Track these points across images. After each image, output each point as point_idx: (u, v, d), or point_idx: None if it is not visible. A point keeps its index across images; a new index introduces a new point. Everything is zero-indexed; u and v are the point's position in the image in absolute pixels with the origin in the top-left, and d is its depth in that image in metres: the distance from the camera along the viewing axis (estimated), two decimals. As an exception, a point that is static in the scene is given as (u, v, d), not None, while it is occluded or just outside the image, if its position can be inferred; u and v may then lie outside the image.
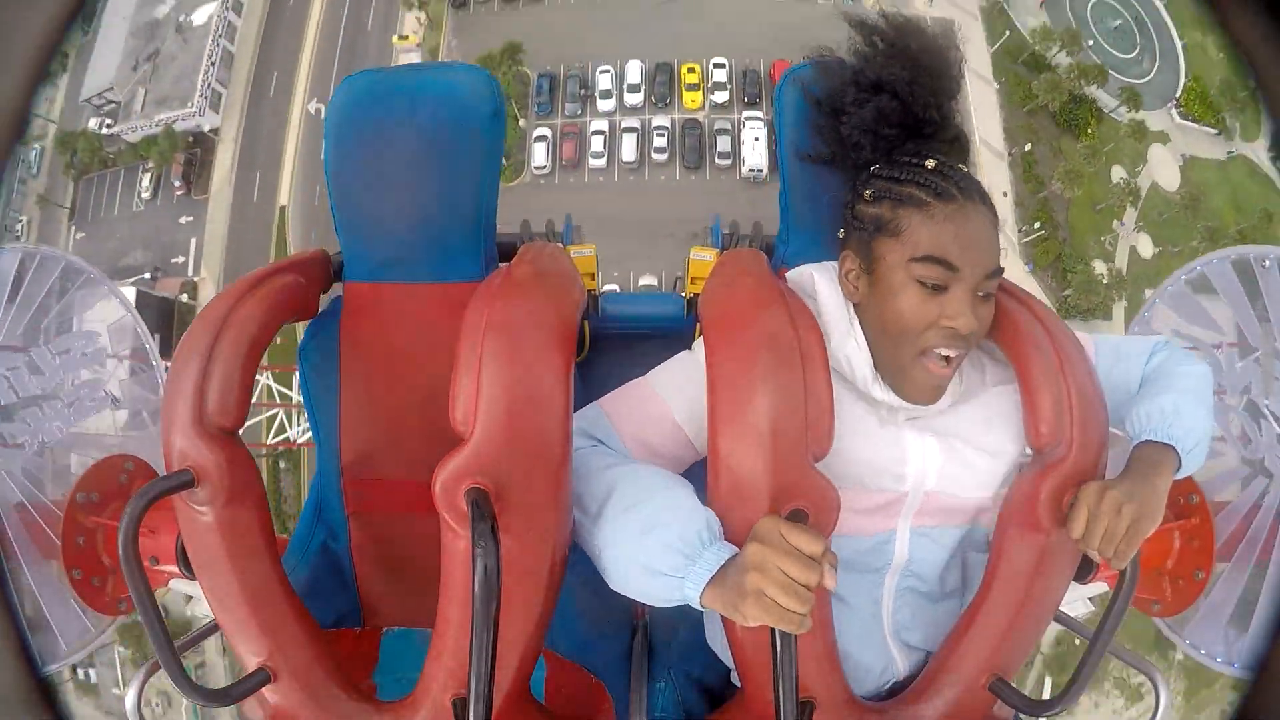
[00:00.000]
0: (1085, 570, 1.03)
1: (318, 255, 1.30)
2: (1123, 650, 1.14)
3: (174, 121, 20.93)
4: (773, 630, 0.80)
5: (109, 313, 1.57)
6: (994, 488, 1.04)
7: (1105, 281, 19.27)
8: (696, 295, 1.55)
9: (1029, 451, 1.04)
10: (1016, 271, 19.60)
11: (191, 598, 1.63)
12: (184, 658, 0.94)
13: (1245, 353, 1.62)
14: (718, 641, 1.20)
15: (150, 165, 21.06)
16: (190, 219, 21.36)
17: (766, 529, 0.81)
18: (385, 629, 1.31)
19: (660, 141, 20.05)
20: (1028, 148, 20.37)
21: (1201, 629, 1.60)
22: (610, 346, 1.69)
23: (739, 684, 1.05)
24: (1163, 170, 20.59)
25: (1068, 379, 0.95)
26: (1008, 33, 21.02)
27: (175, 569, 1.22)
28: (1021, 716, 1.10)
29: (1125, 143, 20.32)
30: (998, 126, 20.73)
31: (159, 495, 0.90)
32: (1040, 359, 0.97)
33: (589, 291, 1.65)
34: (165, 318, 19.64)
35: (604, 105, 20.56)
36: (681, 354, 1.06)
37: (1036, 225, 19.71)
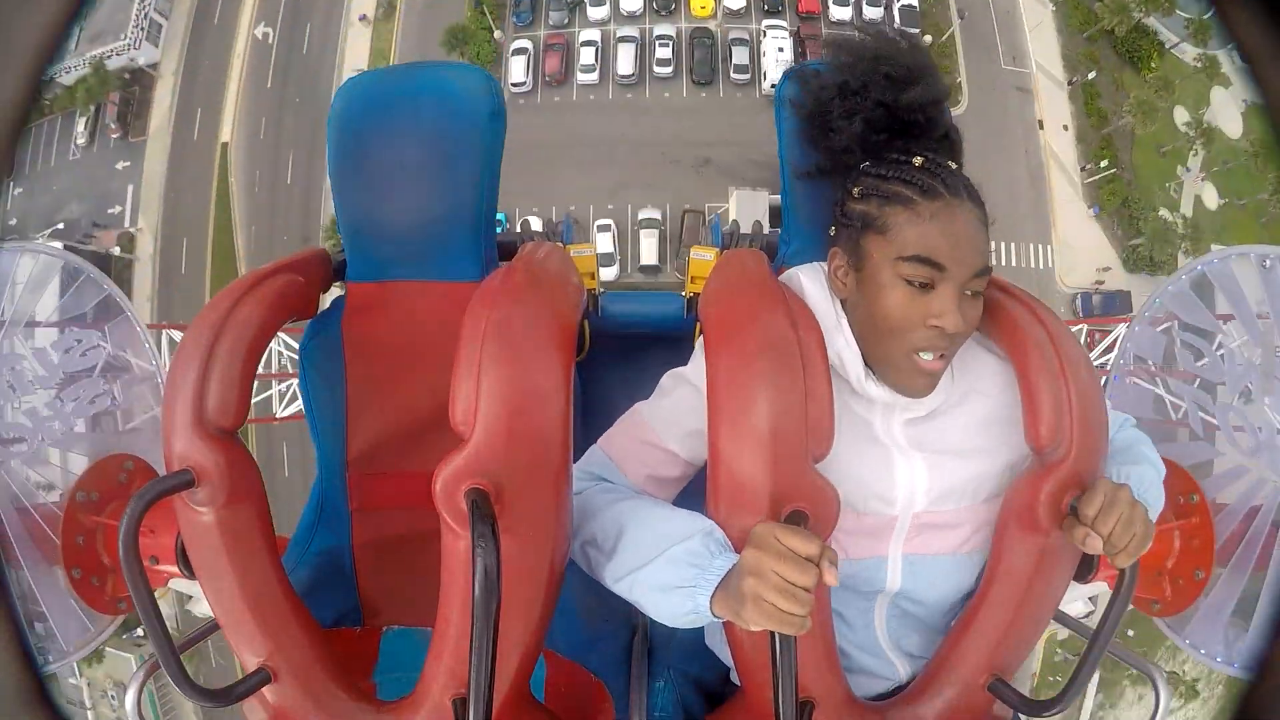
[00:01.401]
0: (1085, 570, 1.03)
1: (317, 255, 1.31)
2: (1123, 650, 1.14)
3: (106, 57, 18.70)
4: (772, 631, 0.80)
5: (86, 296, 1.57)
6: (982, 497, 1.04)
7: (1180, 231, 17.36)
8: (696, 295, 1.55)
9: (1026, 454, 1.04)
10: (1079, 215, 17.62)
11: (191, 598, 1.64)
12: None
13: (1245, 352, 1.62)
14: (717, 643, 1.20)
15: (90, 111, 19.34)
16: (127, 164, 19.35)
17: (761, 533, 0.81)
18: (385, 628, 1.31)
19: (664, 53, 16.79)
20: (1091, 76, 18.37)
21: (1201, 629, 1.60)
22: (610, 346, 1.69)
23: (739, 684, 1.05)
24: (1225, 116, 18.21)
25: (1068, 379, 0.95)
26: None
27: (175, 569, 1.22)
28: (1021, 717, 1.10)
29: (1189, 82, 17.96)
30: (1056, 53, 18.75)
31: (159, 495, 0.90)
32: (1040, 359, 0.96)
33: (589, 291, 1.65)
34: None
35: (596, 13, 17.59)
36: (679, 373, 1.06)
37: (1104, 164, 17.73)
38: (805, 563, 0.77)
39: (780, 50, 16.70)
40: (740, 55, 16.69)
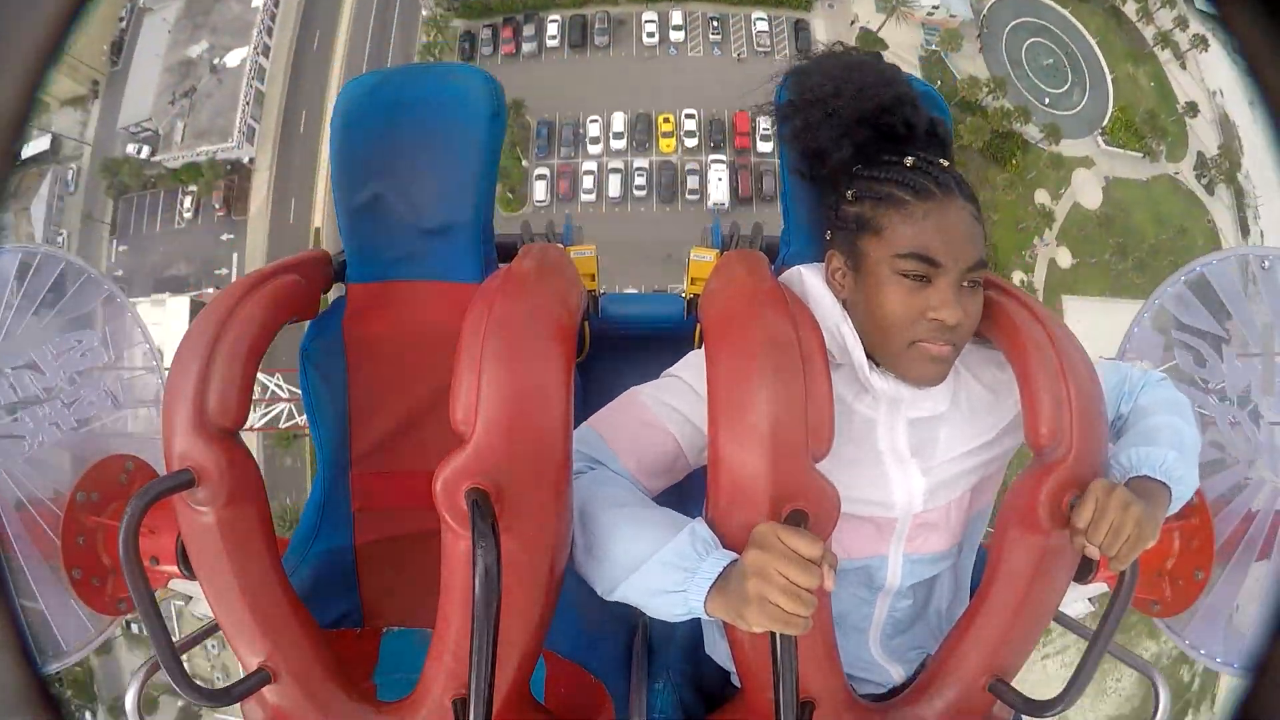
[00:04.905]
0: (1085, 570, 1.03)
1: (318, 255, 1.31)
2: (1123, 650, 1.14)
3: (216, 154, 23.78)
4: (773, 631, 0.80)
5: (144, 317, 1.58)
6: (971, 485, 1.07)
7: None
8: (696, 296, 1.55)
9: (1016, 443, 1.06)
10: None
11: (191, 598, 1.64)
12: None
13: (1245, 353, 1.62)
14: (718, 652, 1.20)
15: (193, 189, 23.55)
16: (230, 237, 23.70)
17: (764, 534, 0.81)
18: (385, 629, 1.31)
19: (640, 180, 23.89)
20: None
21: (1201, 629, 1.60)
22: (610, 347, 1.69)
23: (739, 684, 1.05)
24: (1086, 192, 23.60)
25: (1068, 379, 0.95)
26: (938, 82, 23.83)
27: (175, 569, 1.22)
28: (1022, 717, 1.10)
29: (1046, 171, 23.28)
30: (930, 159, 24.12)
31: (159, 495, 0.90)
32: (1040, 359, 0.96)
33: (589, 292, 1.65)
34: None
35: (593, 149, 24.35)
36: (670, 372, 1.06)
37: (960, 246, 23.51)
38: (808, 564, 0.77)
39: (720, 179, 23.66)
40: (692, 181, 23.84)
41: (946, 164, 0.98)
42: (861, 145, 1.01)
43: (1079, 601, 1.73)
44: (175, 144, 23.78)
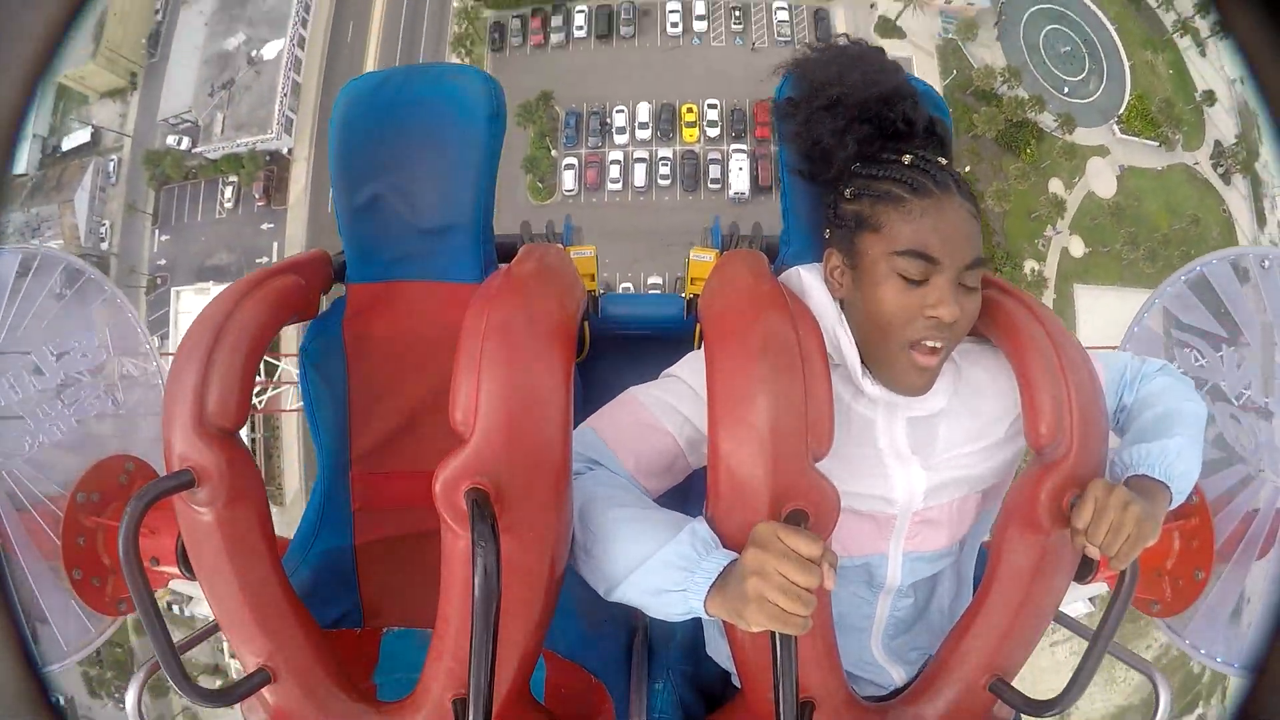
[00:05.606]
0: (1085, 570, 1.03)
1: (318, 255, 1.31)
2: (1123, 650, 1.14)
3: (255, 144, 24.45)
4: (773, 631, 0.80)
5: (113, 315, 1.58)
6: (978, 489, 1.06)
7: (1029, 280, 22.59)
8: (696, 296, 1.55)
9: (1023, 448, 1.05)
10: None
11: (191, 598, 1.64)
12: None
13: (1245, 353, 1.62)
14: (718, 652, 1.20)
15: (233, 179, 24.22)
16: (270, 226, 24.24)
17: (764, 533, 0.81)
18: (385, 629, 1.31)
19: (664, 169, 24.64)
20: (967, 169, 23.93)
21: (1201, 629, 1.60)
22: (610, 347, 1.69)
23: (739, 684, 1.05)
24: (1100, 180, 23.73)
25: (1067, 378, 0.95)
26: (954, 72, 24.47)
27: (175, 569, 1.22)
28: (1022, 717, 1.10)
29: (1059, 160, 23.53)
30: (944, 150, 25.57)
31: (159, 496, 0.90)
32: (1040, 358, 0.97)
33: (589, 292, 1.65)
34: (258, 311, 23.68)
35: (620, 139, 25.09)
36: (669, 372, 1.06)
37: (970, 233, 24.10)
38: (808, 563, 0.77)
39: (740, 168, 24.29)
40: (714, 171, 24.43)
41: (945, 162, 0.98)
42: (863, 142, 1.01)
43: (1079, 601, 1.73)
44: (215, 135, 24.25)
